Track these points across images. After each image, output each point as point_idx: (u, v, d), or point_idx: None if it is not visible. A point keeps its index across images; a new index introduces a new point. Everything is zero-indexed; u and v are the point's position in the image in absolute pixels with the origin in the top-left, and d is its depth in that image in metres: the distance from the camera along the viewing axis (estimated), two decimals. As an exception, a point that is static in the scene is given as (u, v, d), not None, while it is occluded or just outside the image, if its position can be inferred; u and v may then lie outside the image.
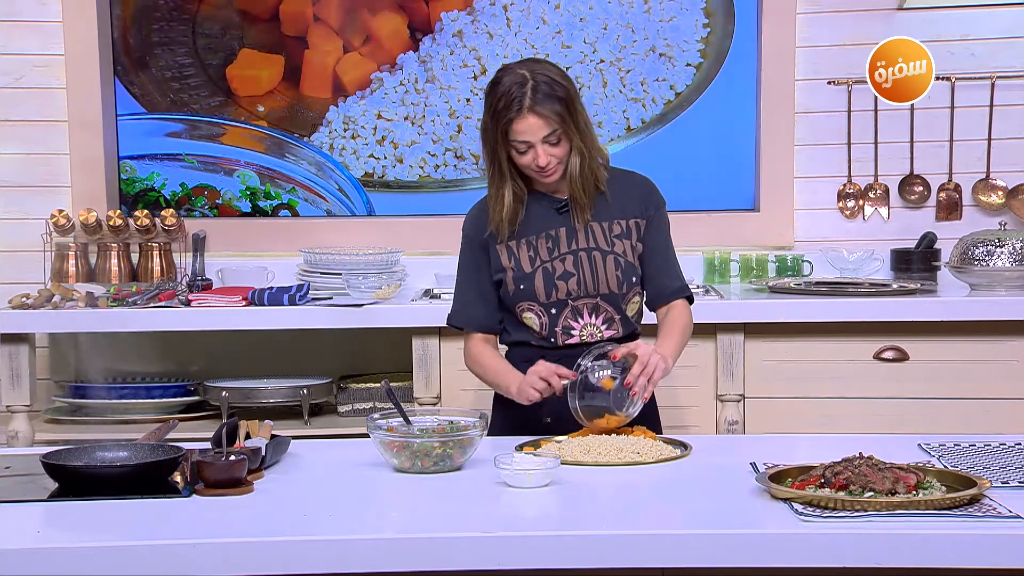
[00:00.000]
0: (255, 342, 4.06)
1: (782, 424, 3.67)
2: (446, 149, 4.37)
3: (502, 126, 2.67)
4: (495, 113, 2.68)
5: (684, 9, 4.30)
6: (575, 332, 2.79)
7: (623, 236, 2.80)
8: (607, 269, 2.77)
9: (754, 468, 2.27)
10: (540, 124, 2.65)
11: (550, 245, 2.78)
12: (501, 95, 2.66)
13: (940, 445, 2.49)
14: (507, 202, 2.75)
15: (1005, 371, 3.69)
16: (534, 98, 2.64)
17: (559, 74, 2.70)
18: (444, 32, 4.34)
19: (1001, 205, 4.23)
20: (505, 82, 2.67)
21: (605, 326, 2.80)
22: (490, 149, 2.73)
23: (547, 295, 2.77)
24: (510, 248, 2.79)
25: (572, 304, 2.78)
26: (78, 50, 4.27)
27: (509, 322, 2.85)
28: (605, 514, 2.11)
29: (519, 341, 2.84)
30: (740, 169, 4.31)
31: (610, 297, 2.79)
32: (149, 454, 2.33)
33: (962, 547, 1.91)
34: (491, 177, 2.77)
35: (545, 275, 2.77)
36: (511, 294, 2.79)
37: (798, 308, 3.71)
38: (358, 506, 2.16)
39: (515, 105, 2.64)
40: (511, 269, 2.78)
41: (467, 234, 2.87)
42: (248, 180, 4.42)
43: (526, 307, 2.79)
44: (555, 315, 2.78)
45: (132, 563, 1.91)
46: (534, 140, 2.67)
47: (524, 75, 2.66)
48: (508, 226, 2.77)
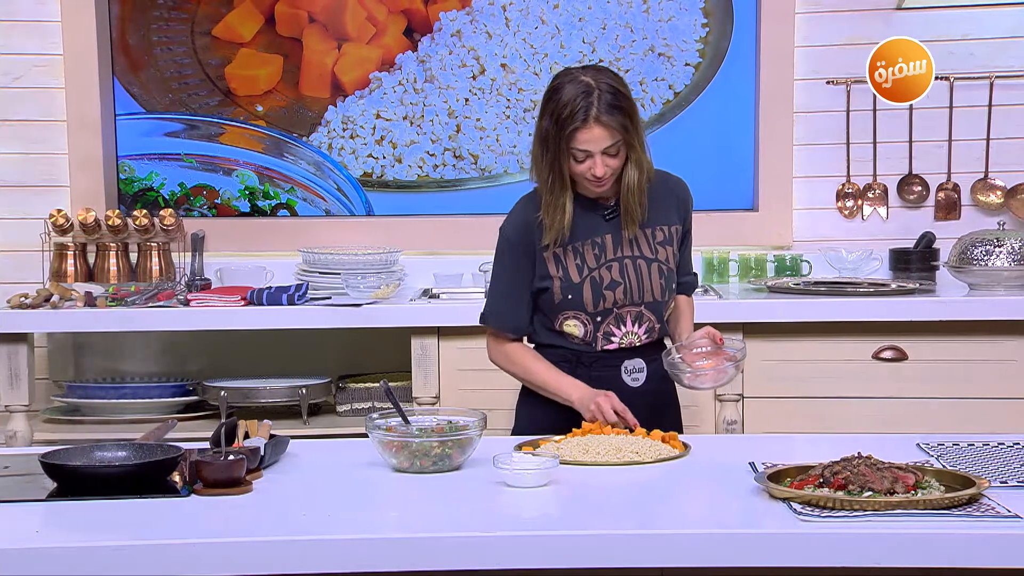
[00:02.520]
0: (254, 342, 4.06)
1: (781, 424, 3.67)
2: (445, 149, 4.37)
3: (567, 134, 2.63)
4: (559, 120, 2.63)
5: (683, 9, 4.30)
6: (615, 339, 2.79)
7: (666, 243, 2.80)
8: (652, 278, 2.77)
9: (753, 468, 2.27)
10: (604, 135, 2.63)
11: (597, 252, 2.77)
12: (566, 103, 2.62)
13: (939, 445, 2.48)
14: (568, 210, 2.71)
15: (1004, 371, 3.69)
16: (600, 108, 2.61)
17: (622, 84, 2.68)
18: (443, 32, 4.34)
19: (1000, 205, 4.23)
20: (568, 89, 2.64)
21: (646, 335, 2.80)
22: (551, 157, 2.68)
23: (595, 304, 2.76)
24: (557, 256, 2.76)
25: (617, 312, 2.78)
26: (77, 50, 4.27)
27: (542, 327, 2.83)
28: (604, 514, 2.11)
29: (553, 344, 2.82)
30: (739, 169, 4.31)
31: (653, 305, 2.79)
32: (148, 454, 2.33)
33: (961, 547, 1.91)
34: (550, 185, 2.71)
35: (593, 285, 2.75)
36: (557, 303, 2.77)
37: (797, 308, 3.71)
38: (357, 506, 2.16)
39: (580, 115, 2.61)
40: (559, 279, 2.76)
41: (508, 238, 2.81)
42: (247, 180, 4.42)
43: (571, 315, 2.78)
44: (599, 323, 2.78)
45: (131, 563, 1.91)
46: (595, 150, 2.64)
47: (589, 83, 2.63)
48: (566, 234, 2.74)
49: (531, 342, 2.88)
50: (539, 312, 2.83)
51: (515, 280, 2.80)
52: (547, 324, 2.82)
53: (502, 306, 2.84)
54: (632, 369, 2.80)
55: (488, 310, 2.87)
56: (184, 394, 4.01)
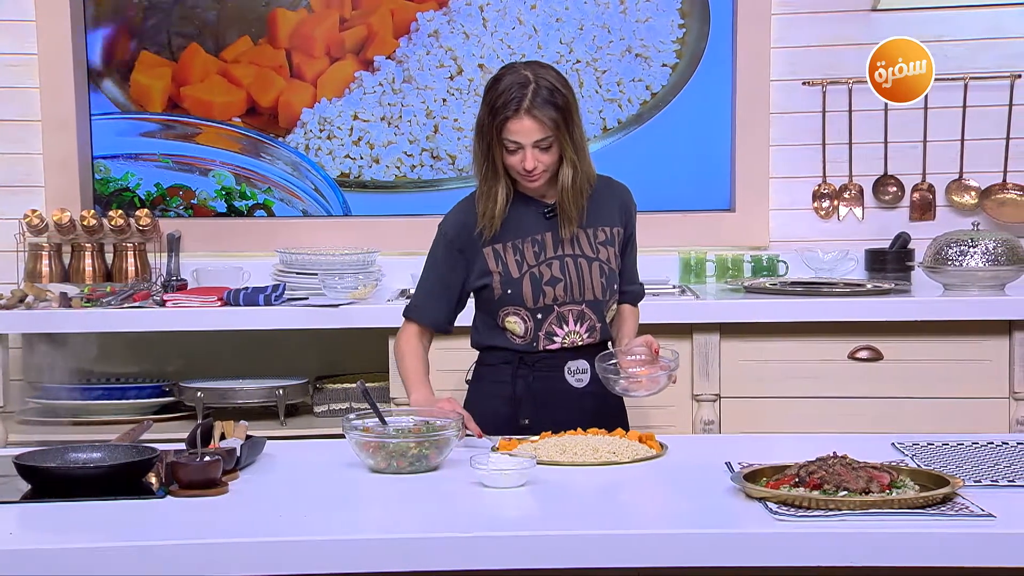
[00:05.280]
0: (231, 342, 4.05)
1: (757, 424, 3.68)
2: (422, 149, 4.36)
3: (497, 123, 2.66)
4: (493, 109, 2.67)
5: (660, 10, 4.31)
6: (557, 338, 2.79)
7: (607, 243, 2.82)
8: (592, 276, 2.78)
9: (729, 468, 2.28)
10: (534, 127, 2.65)
11: (536, 250, 2.78)
12: (501, 92, 2.66)
13: (913, 444, 2.50)
14: (499, 199, 2.74)
15: (978, 370, 3.71)
16: (533, 101, 2.64)
17: (561, 82, 2.70)
18: (420, 32, 4.33)
19: (974, 205, 4.26)
20: (507, 80, 2.68)
21: (587, 334, 2.81)
22: (485, 145, 2.72)
23: (534, 300, 2.77)
24: (496, 251, 2.79)
25: (558, 310, 2.78)
26: (52, 50, 4.25)
27: (485, 326, 2.85)
28: (581, 514, 2.11)
29: (497, 346, 2.83)
30: (716, 169, 4.32)
31: (594, 304, 2.80)
32: (123, 455, 2.32)
33: (935, 545, 1.92)
34: (483, 174, 2.76)
35: (532, 280, 2.77)
36: (496, 298, 2.79)
37: (773, 308, 3.72)
38: (334, 507, 2.16)
39: (512, 104, 2.64)
40: (498, 273, 2.78)
41: (445, 233, 2.85)
42: (223, 180, 4.40)
43: (511, 311, 2.79)
44: (540, 320, 2.78)
45: (106, 564, 1.90)
46: (525, 143, 2.67)
47: (527, 76, 2.66)
48: (496, 224, 2.76)
49: (475, 344, 2.90)
50: (481, 311, 2.86)
51: (441, 276, 2.84)
52: (489, 323, 2.83)
53: (423, 300, 2.88)
54: (576, 370, 2.81)
55: (411, 303, 2.91)
56: (160, 395, 3.99)
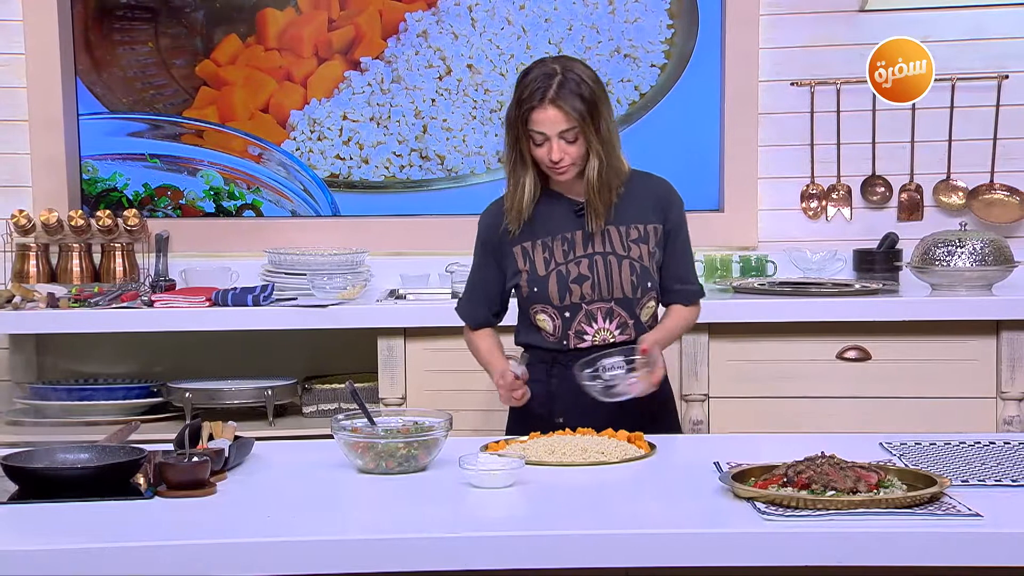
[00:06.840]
0: (219, 343, 4.04)
1: (746, 424, 3.69)
2: (411, 150, 4.36)
3: (523, 114, 2.68)
4: (519, 101, 2.70)
5: (648, 10, 4.31)
6: (588, 336, 2.79)
7: (640, 241, 2.81)
8: (622, 274, 2.78)
9: (718, 468, 2.28)
10: (559, 117, 2.66)
11: (565, 248, 2.79)
12: (528, 83, 2.69)
13: (901, 444, 2.51)
14: (527, 191, 2.76)
15: (965, 370, 3.72)
16: (559, 92, 2.66)
17: (590, 75, 2.72)
18: (409, 32, 4.33)
19: (962, 206, 4.27)
20: (534, 72, 2.70)
21: (618, 331, 2.80)
22: (513, 138, 2.74)
23: (561, 298, 2.78)
24: (525, 249, 2.80)
25: (586, 308, 2.78)
26: (39, 49, 4.24)
27: (522, 325, 2.87)
28: (569, 514, 2.11)
29: (532, 344, 2.84)
30: (704, 170, 4.33)
31: (624, 301, 2.79)
32: (111, 456, 2.31)
33: (923, 545, 1.93)
34: (512, 166, 2.77)
35: (559, 278, 2.77)
36: (525, 296, 2.81)
37: (762, 308, 3.73)
38: (322, 507, 2.16)
39: (538, 95, 2.66)
40: (526, 272, 2.79)
41: (480, 234, 2.89)
42: (212, 180, 4.39)
43: (540, 309, 2.80)
44: (569, 318, 2.79)
45: (93, 565, 1.89)
46: (551, 133, 2.68)
47: (555, 68, 2.69)
48: (524, 215, 2.77)
49: (517, 342, 2.91)
50: (520, 309, 2.88)
51: (479, 275, 2.90)
52: (525, 322, 2.86)
53: (465, 299, 2.95)
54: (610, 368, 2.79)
55: (460, 301, 2.98)
56: (148, 395, 3.98)
